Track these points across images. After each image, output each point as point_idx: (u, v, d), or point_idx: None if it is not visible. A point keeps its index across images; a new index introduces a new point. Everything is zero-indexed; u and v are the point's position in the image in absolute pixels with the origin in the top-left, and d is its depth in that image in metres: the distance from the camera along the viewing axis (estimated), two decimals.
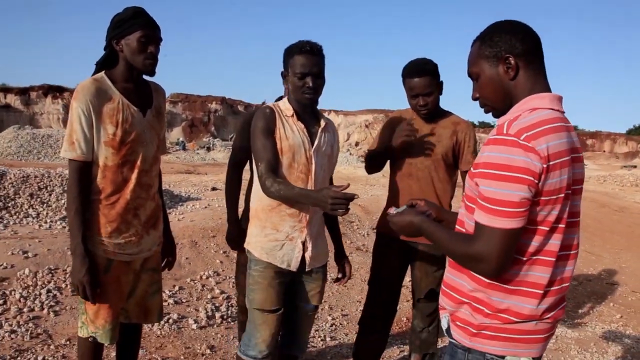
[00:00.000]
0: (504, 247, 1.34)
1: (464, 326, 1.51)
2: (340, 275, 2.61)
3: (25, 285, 4.21)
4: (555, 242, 1.40)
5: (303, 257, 2.30)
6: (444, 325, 1.62)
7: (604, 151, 56.15)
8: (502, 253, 1.35)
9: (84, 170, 2.13)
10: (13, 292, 4.07)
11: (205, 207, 7.37)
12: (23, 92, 46.40)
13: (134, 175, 2.22)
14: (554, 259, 1.41)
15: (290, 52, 2.26)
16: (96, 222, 2.18)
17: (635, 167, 31.59)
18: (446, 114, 2.87)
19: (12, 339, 3.43)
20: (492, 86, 1.50)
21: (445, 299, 1.60)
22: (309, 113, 2.35)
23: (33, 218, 5.98)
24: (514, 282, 1.42)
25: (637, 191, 16.47)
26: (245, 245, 2.38)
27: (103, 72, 2.20)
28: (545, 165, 1.31)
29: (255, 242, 2.32)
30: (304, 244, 2.29)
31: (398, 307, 3.12)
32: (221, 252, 5.44)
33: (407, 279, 3.08)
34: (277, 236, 2.27)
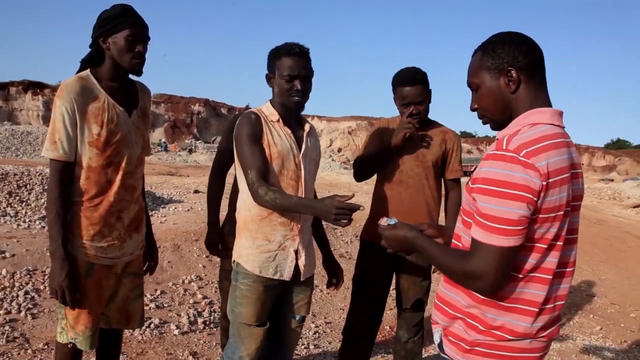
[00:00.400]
0: (501, 264, 1.32)
1: (457, 342, 1.48)
2: (334, 280, 2.55)
3: (2, 286, 4.10)
4: (552, 260, 1.38)
5: (297, 266, 2.24)
6: (436, 339, 1.59)
7: (582, 164, 56.99)
8: (499, 271, 1.32)
9: (66, 170, 2.07)
10: None
11: (188, 210, 7.29)
12: (2, 87, 45.52)
13: (118, 177, 2.16)
14: (550, 277, 1.39)
15: (277, 54, 2.19)
16: (78, 224, 2.11)
17: (612, 180, 32.22)
18: (433, 123, 2.90)
19: None
20: (492, 98, 1.47)
21: (438, 313, 1.58)
22: (293, 118, 2.29)
23: (11, 217, 5.85)
24: (509, 299, 1.40)
25: (614, 204, 16.79)
26: (236, 258, 2.27)
27: (88, 70, 2.13)
28: (544, 183, 1.29)
29: (247, 254, 2.21)
30: (296, 252, 2.23)
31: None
32: (204, 256, 5.37)
33: (391, 287, 3.06)
34: (269, 247, 2.19)
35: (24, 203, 6.22)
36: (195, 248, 5.48)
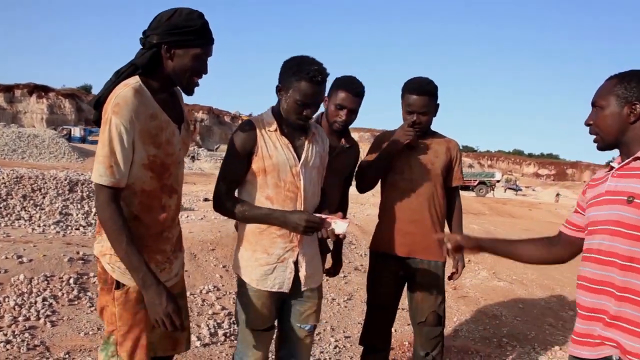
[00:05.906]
0: None
1: None
2: (332, 270, 2.91)
3: (20, 292, 4.03)
4: None
5: (297, 277, 2.20)
6: None
7: (584, 181, 57.18)
8: None
9: (119, 195, 1.82)
10: (7, 299, 3.89)
11: (202, 219, 7.24)
12: (7, 89, 45.76)
13: (172, 201, 1.99)
14: None
15: (297, 73, 2.07)
16: None
17: None
18: (435, 134, 2.91)
19: (7, 349, 3.27)
20: (611, 121, 1.68)
21: (623, 334, 1.57)
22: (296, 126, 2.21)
23: (25, 221, 5.80)
24: None
25: None
26: (235, 270, 2.26)
27: (138, 78, 1.84)
28: None
29: (245, 267, 2.19)
30: (295, 263, 2.19)
31: (396, 331, 3.03)
32: (221, 266, 5.31)
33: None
34: (268, 260, 2.17)
35: (38, 207, 6.17)
36: (211, 257, 5.41)
